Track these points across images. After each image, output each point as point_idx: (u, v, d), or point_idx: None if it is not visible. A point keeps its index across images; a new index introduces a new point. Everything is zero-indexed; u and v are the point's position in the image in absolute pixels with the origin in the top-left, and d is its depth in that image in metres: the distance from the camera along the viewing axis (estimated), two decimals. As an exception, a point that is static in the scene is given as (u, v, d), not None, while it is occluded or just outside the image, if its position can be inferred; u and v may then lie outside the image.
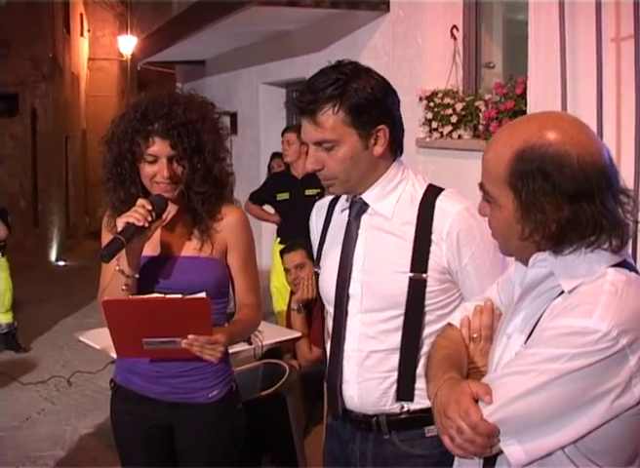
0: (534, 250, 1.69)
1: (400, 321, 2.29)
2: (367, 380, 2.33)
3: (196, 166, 2.73)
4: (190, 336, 2.53)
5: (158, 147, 2.68)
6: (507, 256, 1.84)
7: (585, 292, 1.60)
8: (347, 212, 2.42)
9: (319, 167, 2.27)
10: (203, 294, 2.60)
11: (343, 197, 2.45)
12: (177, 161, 2.70)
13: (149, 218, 2.59)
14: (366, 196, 2.34)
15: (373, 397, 2.33)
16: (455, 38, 5.99)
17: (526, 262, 1.76)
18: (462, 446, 1.62)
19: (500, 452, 1.63)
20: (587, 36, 4.06)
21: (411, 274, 2.26)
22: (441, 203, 2.28)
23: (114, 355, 4.01)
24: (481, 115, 5.44)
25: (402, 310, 2.28)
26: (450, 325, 2.02)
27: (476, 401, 1.61)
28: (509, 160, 1.62)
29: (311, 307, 4.95)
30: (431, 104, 5.86)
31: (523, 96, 5.00)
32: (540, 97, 4.85)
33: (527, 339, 1.67)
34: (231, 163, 2.93)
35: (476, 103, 5.54)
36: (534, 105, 4.91)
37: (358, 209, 2.37)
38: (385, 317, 2.31)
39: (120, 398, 2.93)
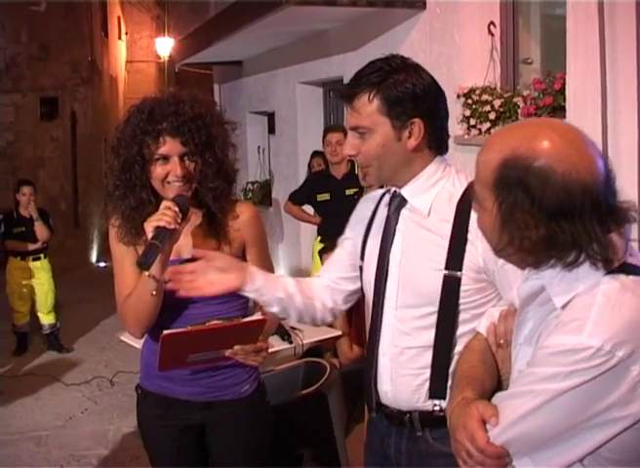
0: (514, 260, 1.68)
1: (434, 318, 2.29)
2: (401, 376, 2.35)
3: (208, 161, 2.71)
4: (236, 347, 2.61)
5: (169, 146, 2.65)
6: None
7: (577, 306, 1.56)
8: (388, 206, 2.42)
9: (354, 152, 2.30)
10: (259, 315, 2.64)
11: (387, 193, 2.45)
12: (189, 158, 2.68)
13: (178, 220, 2.57)
14: (404, 191, 2.34)
15: (406, 393, 2.34)
16: (492, 34, 5.95)
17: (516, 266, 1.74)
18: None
19: None
20: (627, 31, 4.01)
21: (445, 272, 2.25)
22: None
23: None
24: (519, 111, 5.40)
25: (436, 307, 2.28)
26: (477, 334, 2.03)
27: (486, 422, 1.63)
28: (496, 166, 1.59)
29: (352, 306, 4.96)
30: (469, 101, 5.83)
31: (562, 91, 4.95)
32: (579, 92, 4.80)
33: None
34: (237, 158, 2.91)
35: (514, 100, 5.50)
36: (573, 101, 4.86)
37: (397, 203, 2.38)
38: (420, 314, 2.31)
39: (150, 403, 2.95)
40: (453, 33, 6.12)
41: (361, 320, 4.20)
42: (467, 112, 5.85)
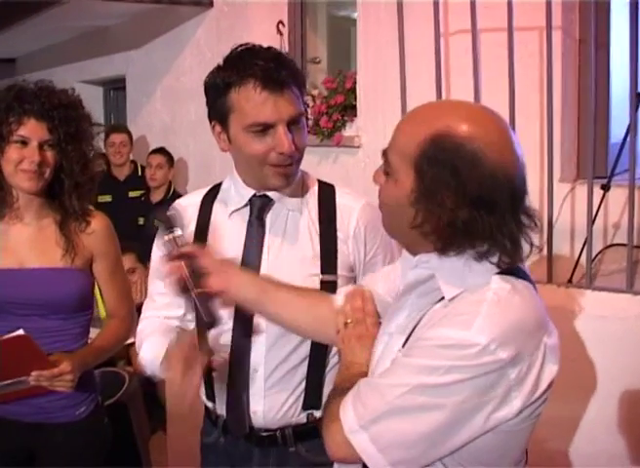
0: (419, 241, 1.56)
1: None
2: (275, 393, 2.17)
3: (71, 155, 2.52)
4: (33, 373, 2.39)
5: (31, 129, 2.45)
6: (390, 236, 1.73)
7: (467, 300, 1.50)
8: (244, 212, 2.19)
9: (294, 147, 2.04)
10: (21, 331, 2.36)
11: (229, 197, 2.23)
12: (50, 147, 2.48)
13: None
14: (274, 194, 2.16)
15: (280, 411, 2.17)
16: (281, 34, 5.95)
17: (408, 249, 1.66)
18: None
19: None
20: (419, 31, 4.08)
21: (322, 276, 2.12)
22: (341, 199, 2.19)
23: None
24: (310, 110, 5.43)
25: None
26: None
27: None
28: (423, 140, 1.48)
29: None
30: (258, 100, 5.81)
31: (353, 90, 5.05)
32: (370, 90, 4.92)
33: (406, 341, 1.57)
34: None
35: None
36: (364, 99, 4.98)
37: (260, 207, 2.17)
38: None
39: None
40: (241, 32, 6.07)
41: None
42: (256, 111, 5.82)
